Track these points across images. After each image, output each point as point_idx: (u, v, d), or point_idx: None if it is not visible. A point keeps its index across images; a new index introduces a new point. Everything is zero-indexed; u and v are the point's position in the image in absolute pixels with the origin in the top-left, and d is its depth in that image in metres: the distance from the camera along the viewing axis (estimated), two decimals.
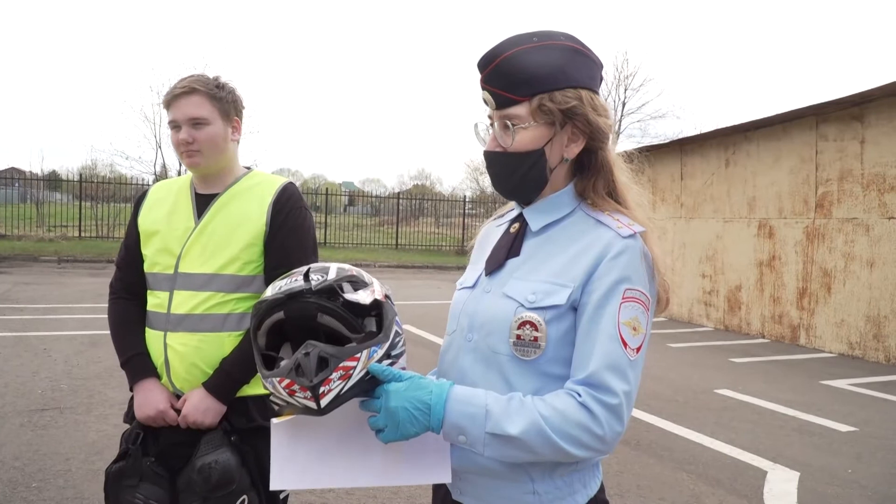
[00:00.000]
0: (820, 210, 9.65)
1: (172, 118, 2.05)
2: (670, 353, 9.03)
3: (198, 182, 2.16)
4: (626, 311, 1.29)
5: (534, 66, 1.34)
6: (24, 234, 22.16)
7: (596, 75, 1.42)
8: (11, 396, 5.62)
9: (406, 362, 1.40)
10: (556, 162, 1.40)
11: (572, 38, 1.40)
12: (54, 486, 3.92)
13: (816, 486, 4.44)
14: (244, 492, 1.96)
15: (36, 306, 10.39)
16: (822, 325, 9.58)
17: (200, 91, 2.05)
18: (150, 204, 2.18)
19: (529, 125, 1.36)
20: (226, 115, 2.10)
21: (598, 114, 1.38)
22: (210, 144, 2.06)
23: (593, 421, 1.23)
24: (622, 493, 4.23)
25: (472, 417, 1.24)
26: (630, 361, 1.28)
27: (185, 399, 2.00)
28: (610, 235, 1.34)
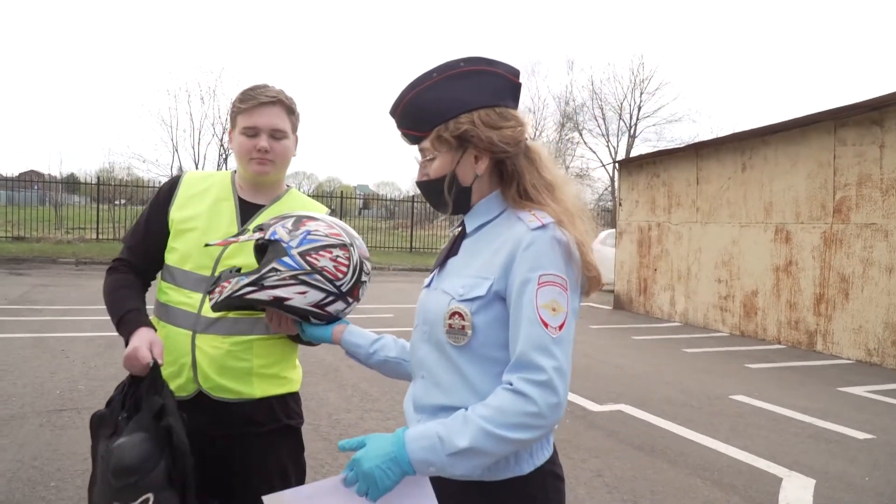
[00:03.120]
0: (838, 215, 9.58)
1: (252, 125, 2.05)
2: (685, 359, 8.98)
3: (245, 186, 2.15)
4: (542, 294, 1.42)
5: (430, 103, 1.53)
6: (42, 237, 22.38)
7: (499, 88, 1.56)
8: (30, 397, 5.69)
9: (315, 298, 1.82)
10: (470, 179, 1.57)
11: (474, 60, 1.55)
12: (72, 486, 3.96)
13: (833, 493, 4.41)
14: (150, 489, 1.66)
15: (54, 308, 10.49)
16: (840, 331, 9.50)
17: (284, 103, 2.08)
18: (186, 197, 2.14)
19: (436, 155, 1.56)
20: (295, 129, 2.15)
21: (495, 128, 1.52)
22: (283, 157, 2.10)
23: (527, 402, 1.36)
24: (636, 498, 4.22)
25: (432, 449, 1.38)
26: (553, 339, 1.40)
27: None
28: (522, 230, 1.48)
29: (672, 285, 12.78)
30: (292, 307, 1.83)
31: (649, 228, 13.43)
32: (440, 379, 1.53)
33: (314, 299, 1.83)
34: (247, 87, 2.10)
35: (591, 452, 4.98)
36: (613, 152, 36.67)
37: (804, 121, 10.04)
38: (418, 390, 1.60)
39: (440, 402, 1.53)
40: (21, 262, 17.43)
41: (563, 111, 36.96)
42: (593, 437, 5.37)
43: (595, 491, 4.30)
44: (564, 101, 37.23)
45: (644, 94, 36.39)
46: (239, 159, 2.11)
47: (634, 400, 6.50)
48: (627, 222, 14.10)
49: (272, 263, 1.79)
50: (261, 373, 2.06)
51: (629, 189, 14.12)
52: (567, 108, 36.94)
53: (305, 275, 1.81)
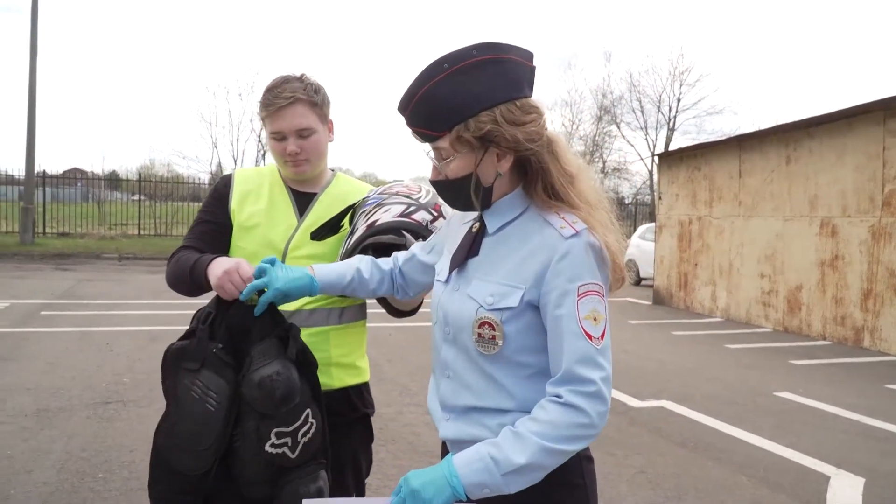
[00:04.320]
0: (887, 208, 9.34)
1: (277, 129, 2.04)
2: (728, 354, 8.84)
3: (291, 180, 2.17)
4: (583, 306, 1.39)
5: (446, 99, 1.41)
6: (86, 233, 22.89)
7: (517, 78, 1.45)
8: (78, 389, 5.81)
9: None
10: (492, 178, 1.48)
11: (485, 46, 1.43)
12: (119, 478, 4.04)
13: (883, 492, 4.30)
14: (307, 405, 1.73)
15: (98, 302, 10.72)
16: (888, 327, 9.26)
17: (302, 100, 2.03)
18: (243, 194, 2.14)
19: (455, 156, 1.46)
20: (324, 118, 2.12)
21: (517, 124, 1.43)
22: (316, 152, 2.09)
23: (579, 413, 1.35)
24: (680, 495, 4.16)
25: (486, 471, 1.34)
26: (597, 350, 1.38)
27: None
28: (554, 238, 1.43)
29: (713, 280, 12.59)
30: (383, 226, 1.93)
31: (690, 222, 13.24)
32: (469, 381, 1.51)
33: (398, 210, 1.96)
34: (267, 86, 2.07)
35: (634, 449, 4.93)
36: (652, 145, 36.26)
37: (851, 112, 9.79)
38: (445, 390, 1.57)
39: (471, 404, 1.51)
40: (66, 258, 17.84)
41: (600, 104, 36.64)
42: (635, 433, 5.31)
43: (638, 488, 4.25)
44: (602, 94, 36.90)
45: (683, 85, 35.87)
46: (276, 161, 2.13)
47: (676, 396, 6.42)
48: (667, 216, 13.92)
49: (355, 214, 2.03)
50: (339, 362, 2.09)
51: (669, 182, 13.93)
52: (605, 100, 36.62)
53: (384, 200, 2.00)
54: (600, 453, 4.73)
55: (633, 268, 16.95)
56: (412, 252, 1.84)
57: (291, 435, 1.67)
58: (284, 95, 2.02)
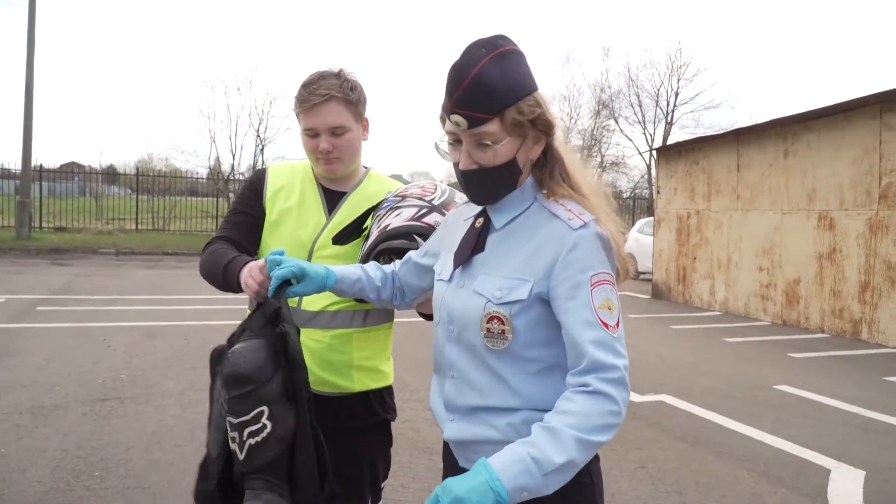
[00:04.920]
0: (884, 201, 9.32)
1: (311, 126, 2.01)
2: (727, 348, 8.83)
3: (323, 177, 2.15)
4: (597, 295, 1.38)
5: (495, 81, 1.39)
6: (83, 227, 22.81)
7: (532, 71, 1.48)
8: (73, 386, 5.77)
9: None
10: (525, 164, 1.49)
11: (504, 38, 1.45)
12: (116, 476, 4.00)
13: (883, 485, 4.29)
14: (265, 403, 1.49)
15: (96, 297, 10.67)
16: (886, 319, 9.26)
17: (337, 97, 1.99)
18: (275, 191, 2.13)
19: (505, 140, 1.43)
20: (359, 117, 2.08)
21: (548, 111, 1.46)
22: (349, 150, 2.06)
23: (609, 401, 1.33)
24: (681, 489, 4.14)
25: (528, 472, 1.27)
26: (615, 338, 1.38)
27: None
28: (563, 229, 1.43)
29: (712, 274, 12.57)
30: (394, 231, 1.91)
31: (688, 216, 13.22)
32: (474, 380, 1.50)
33: (409, 214, 1.94)
34: (304, 80, 2.04)
35: (634, 444, 4.91)
36: (650, 140, 36.18)
37: (848, 105, 9.78)
38: (449, 390, 1.56)
39: (476, 403, 1.50)
40: (63, 253, 17.77)
41: (598, 99, 36.53)
42: (636, 427, 5.29)
43: (639, 482, 4.23)
44: (600, 89, 36.77)
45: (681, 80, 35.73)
46: (309, 158, 2.10)
47: (676, 390, 6.40)
48: (666, 210, 13.90)
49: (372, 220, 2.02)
50: (360, 365, 2.07)
51: (667, 176, 13.91)
52: (603, 95, 36.50)
53: (398, 203, 1.98)
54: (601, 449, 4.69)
55: (632, 261, 16.93)
56: (408, 256, 1.83)
57: (238, 429, 1.50)
58: (320, 92, 1.98)
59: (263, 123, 27.44)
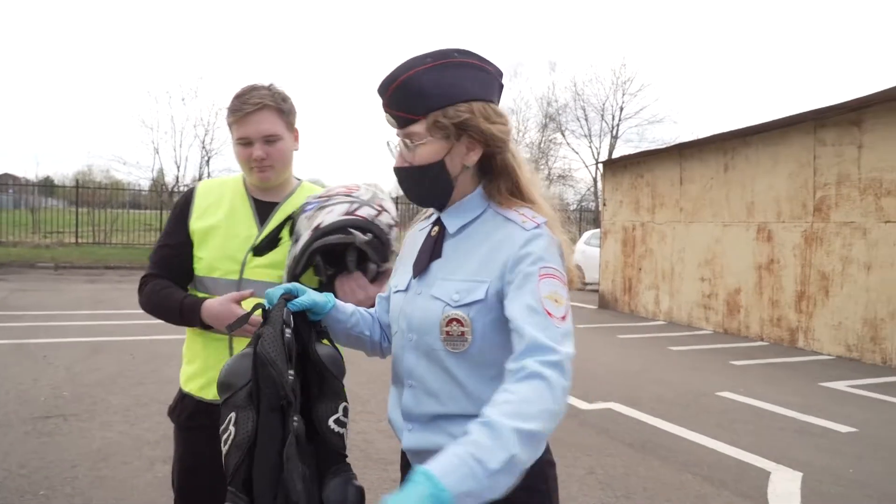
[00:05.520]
0: (818, 214, 9.70)
1: (244, 135, 2.04)
2: (671, 357, 9.05)
3: (255, 188, 2.17)
4: (545, 286, 1.39)
5: (428, 86, 1.46)
6: (19, 241, 22.11)
7: (491, 85, 1.54)
8: (14, 404, 5.61)
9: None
10: (458, 170, 1.53)
11: (466, 52, 1.52)
12: (62, 494, 3.91)
13: (819, 486, 4.46)
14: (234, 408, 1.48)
15: (34, 313, 10.37)
16: (821, 327, 9.61)
17: (270, 106, 2.05)
18: (203, 207, 2.16)
19: (427, 141, 1.49)
20: (290, 126, 2.13)
21: (490, 122, 1.49)
22: (282, 159, 2.09)
23: (546, 385, 1.27)
24: (629, 494, 4.24)
25: (472, 475, 1.15)
26: (559, 329, 1.35)
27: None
28: (516, 230, 1.47)
29: (656, 284, 12.86)
30: (329, 227, 1.91)
31: (633, 228, 13.51)
32: (432, 387, 1.50)
33: (342, 210, 1.94)
34: (236, 92, 2.09)
35: (583, 450, 5.00)
36: (596, 153, 36.87)
37: (785, 122, 10.15)
38: (407, 399, 1.55)
39: (435, 411, 1.50)
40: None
41: (545, 112, 37.11)
42: (585, 434, 5.40)
43: (589, 488, 4.32)
44: (547, 103, 37.38)
45: (626, 95, 36.60)
46: (241, 168, 2.14)
47: (624, 398, 6.54)
48: (612, 222, 14.18)
49: (296, 222, 1.99)
50: None
51: (613, 189, 14.20)
52: (549, 109, 37.10)
53: (324, 203, 1.97)
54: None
55: (579, 273, 17.20)
56: (379, 296, 1.79)
57: (220, 435, 1.48)
58: (253, 101, 2.03)
59: (209, 134, 27.05)
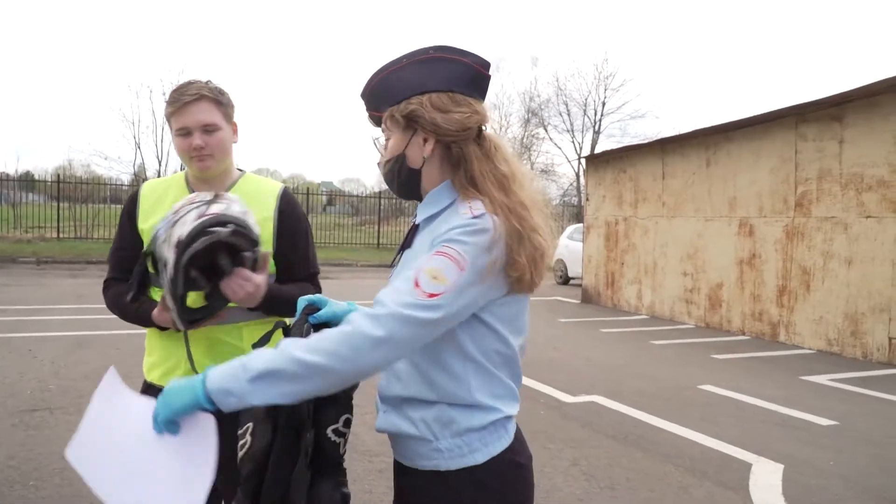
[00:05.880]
0: (799, 209, 9.82)
1: (183, 125, 2.10)
2: (654, 351, 9.15)
3: (196, 183, 2.22)
4: (432, 261, 1.40)
5: (391, 85, 1.56)
6: (1, 236, 21.90)
7: (458, 76, 1.55)
8: (1, 397, 5.60)
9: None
10: (419, 162, 1.56)
11: (443, 48, 1.57)
12: (51, 485, 3.93)
13: (800, 478, 4.55)
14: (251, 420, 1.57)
15: (18, 307, 10.31)
16: (802, 322, 9.75)
17: (208, 97, 2.12)
18: (149, 206, 2.22)
19: (389, 135, 1.59)
20: (229, 118, 2.19)
21: (441, 111, 1.52)
22: (220, 149, 2.15)
23: (350, 328, 1.35)
24: (613, 485, 4.31)
25: (233, 377, 1.34)
26: (416, 298, 1.36)
27: None
28: (455, 219, 1.47)
29: (639, 279, 12.97)
30: (189, 236, 1.83)
31: (616, 223, 13.61)
32: (398, 370, 1.54)
33: (193, 216, 1.87)
34: (173, 87, 2.17)
35: (567, 443, 5.07)
36: (578, 148, 36.99)
37: (766, 117, 10.26)
38: (381, 382, 1.61)
39: (399, 393, 1.54)
40: None
41: (527, 107, 37.20)
42: (569, 427, 5.46)
43: (572, 479, 4.39)
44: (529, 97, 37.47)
45: (608, 90, 36.72)
46: (181, 159, 2.19)
47: (607, 391, 6.62)
48: (595, 217, 14.27)
49: (156, 252, 1.90)
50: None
51: (596, 184, 14.29)
52: (532, 103, 37.19)
53: (173, 219, 1.88)
54: (535, 447, 4.81)
55: (562, 267, 17.31)
56: None
57: (238, 440, 1.57)
58: (190, 92, 2.11)
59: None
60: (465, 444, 1.49)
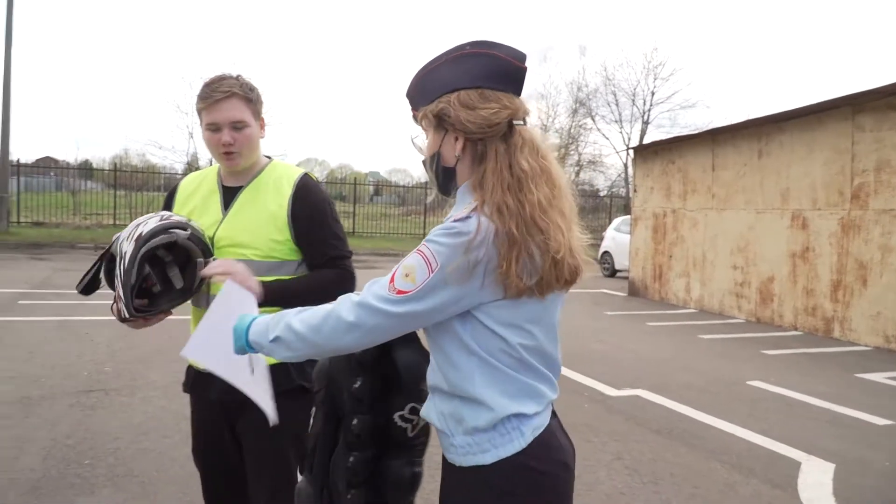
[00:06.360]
0: (856, 201, 9.56)
1: (213, 121, 2.17)
2: (701, 345, 9.02)
3: (226, 175, 2.32)
4: (410, 258, 1.47)
5: (426, 85, 1.58)
6: (61, 222, 22.62)
7: (490, 71, 1.53)
8: (59, 378, 5.81)
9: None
10: (453, 161, 1.57)
11: (478, 43, 1.57)
12: (105, 464, 4.07)
13: (851, 477, 4.45)
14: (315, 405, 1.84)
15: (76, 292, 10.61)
16: (858, 317, 9.50)
17: (238, 95, 2.18)
18: (184, 197, 2.36)
19: (426, 134, 1.62)
20: (257, 115, 2.26)
21: (468, 109, 1.51)
22: (248, 145, 2.22)
23: (331, 308, 1.50)
24: (656, 480, 4.28)
25: (262, 333, 1.57)
26: (388, 293, 1.46)
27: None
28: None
29: (687, 272, 12.78)
30: (150, 232, 2.06)
31: (664, 215, 13.42)
32: (432, 359, 1.60)
33: (156, 220, 2.11)
34: (206, 81, 2.21)
35: (611, 436, 5.04)
36: (627, 138, 36.55)
37: (821, 107, 10.00)
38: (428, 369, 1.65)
39: (430, 382, 1.60)
40: (41, 248, 17.65)
41: (575, 97, 36.86)
42: (612, 421, 5.43)
43: (615, 473, 4.36)
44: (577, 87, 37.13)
45: (658, 79, 36.19)
46: (210, 153, 2.26)
47: (652, 385, 6.55)
48: (642, 209, 14.10)
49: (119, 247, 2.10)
50: None
51: (644, 175, 14.10)
52: (580, 94, 36.84)
53: (136, 223, 2.10)
54: (578, 440, 4.83)
55: (609, 260, 17.15)
56: None
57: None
58: (222, 90, 2.16)
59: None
60: (474, 444, 1.52)
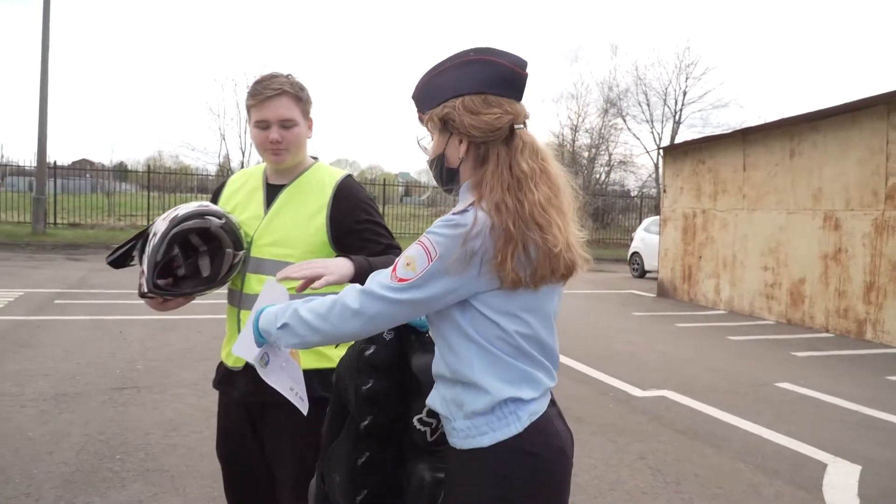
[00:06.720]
0: (890, 202, 9.41)
1: (262, 118, 2.20)
2: (730, 346, 8.94)
3: (271, 173, 2.34)
4: (411, 249, 1.54)
5: (432, 89, 1.65)
6: (96, 223, 23.05)
7: (494, 78, 1.60)
8: (93, 375, 5.96)
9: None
10: (456, 162, 1.64)
11: (482, 50, 1.63)
12: (136, 459, 4.17)
13: (879, 479, 4.41)
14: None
15: (111, 291, 10.86)
16: (891, 319, 9.35)
17: (289, 93, 2.20)
18: (230, 193, 2.40)
19: (431, 136, 1.69)
20: (306, 114, 2.28)
21: (472, 114, 1.58)
22: (296, 143, 2.24)
23: (336, 298, 1.57)
24: (679, 480, 4.28)
25: (271, 322, 1.65)
26: (390, 281, 1.54)
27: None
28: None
29: (717, 273, 12.67)
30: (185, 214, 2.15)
31: (694, 215, 13.32)
32: (436, 349, 1.66)
33: (195, 205, 2.20)
34: (257, 79, 2.25)
35: (635, 436, 5.04)
36: (658, 138, 36.21)
37: (855, 105, 9.86)
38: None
39: (435, 370, 1.65)
40: (77, 248, 18.01)
41: (606, 97, 36.59)
42: (637, 421, 5.43)
43: (638, 473, 4.37)
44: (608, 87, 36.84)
45: (689, 79, 35.77)
46: (258, 150, 2.30)
47: (678, 386, 6.53)
48: (672, 209, 14.00)
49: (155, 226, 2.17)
50: None
51: (674, 175, 14.00)
52: (611, 93, 36.56)
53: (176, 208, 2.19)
54: (602, 440, 4.85)
55: (638, 260, 17.05)
56: None
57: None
58: (273, 87, 2.19)
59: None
60: (473, 427, 1.57)
